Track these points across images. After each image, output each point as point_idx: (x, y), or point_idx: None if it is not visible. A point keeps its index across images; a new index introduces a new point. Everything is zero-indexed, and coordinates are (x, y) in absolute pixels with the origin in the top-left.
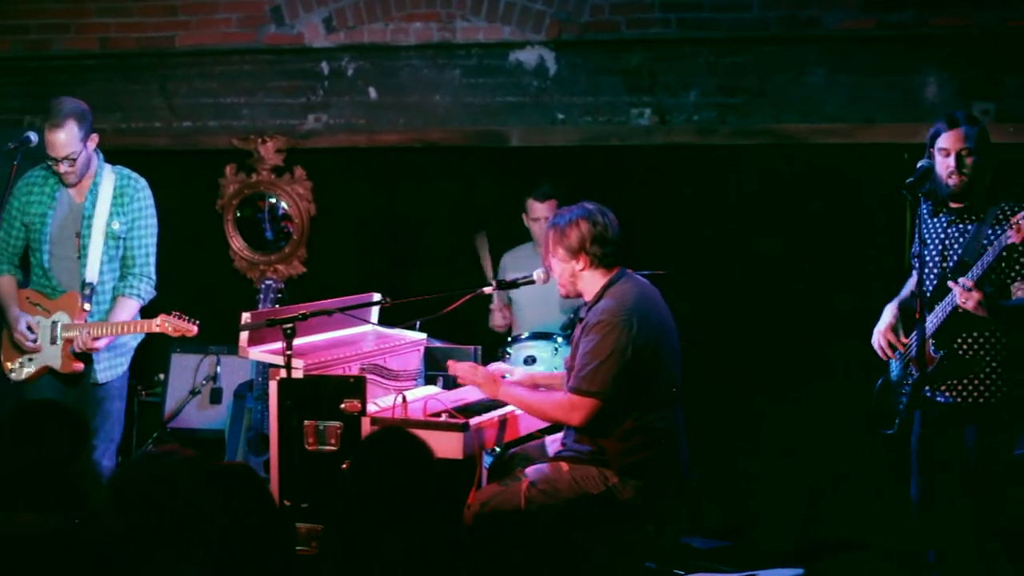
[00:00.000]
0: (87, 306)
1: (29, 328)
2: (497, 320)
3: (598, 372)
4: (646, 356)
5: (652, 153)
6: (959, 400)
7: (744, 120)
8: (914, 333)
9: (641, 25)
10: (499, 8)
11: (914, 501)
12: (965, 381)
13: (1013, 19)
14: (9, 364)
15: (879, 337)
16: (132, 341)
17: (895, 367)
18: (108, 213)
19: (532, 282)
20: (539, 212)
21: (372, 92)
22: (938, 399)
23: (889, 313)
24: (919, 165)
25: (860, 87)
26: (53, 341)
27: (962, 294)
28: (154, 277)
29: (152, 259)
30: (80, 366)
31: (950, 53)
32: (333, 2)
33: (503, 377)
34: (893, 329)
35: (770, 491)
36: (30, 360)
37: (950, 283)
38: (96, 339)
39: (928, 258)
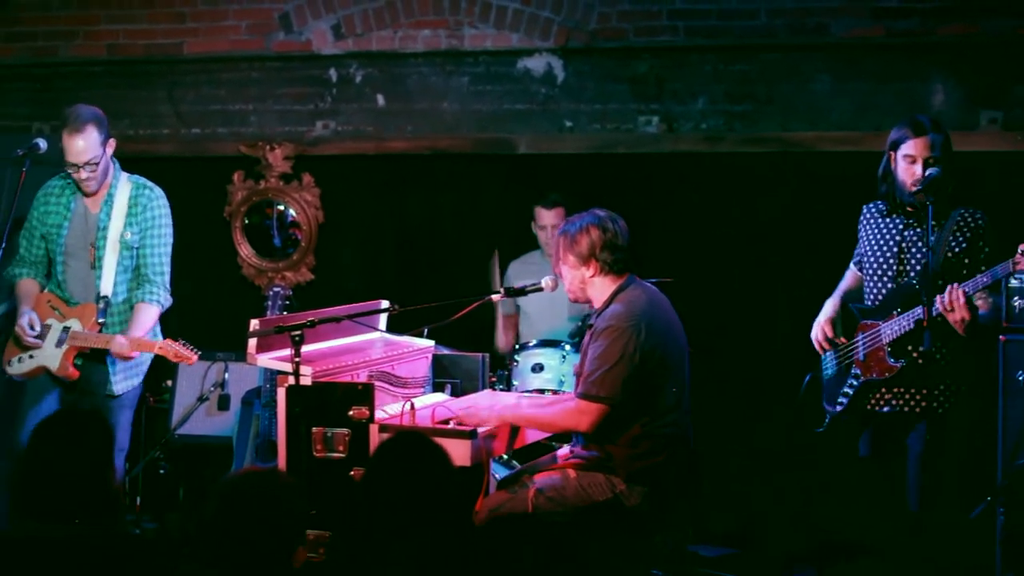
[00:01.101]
0: (101, 320)
1: (31, 325)
2: (501, 342)
3: (607, 377)
4: (654, 362)
5: (660, 161)
6: (906, 410)
7: (751, 128)
8: (860, 335)
9: (649, 33)
10: (507, 15)
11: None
12: (925, 391)
13: (1022, 27)
14: (8, 358)
15: (818, 329)
16: (148, 354)
17: (830, 365)
18: (122, 224)
19: (540, 289)
20: (546, 219)
21: (380, 99)
22: (884, 410)
23: (830, 307)
24: (927, 174)
25: (867, 95)
26: (59, 344)
27: (947, 305)
28: (169, 286)
29: (167, 268)
30: (75, 374)
31: (958, 61)
32: (342, 9)
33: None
34: (832, 323)
35: (776, 498)
36: (30, 357)
37: (944, 293)
38: (130, 351)
39: (882, 260)
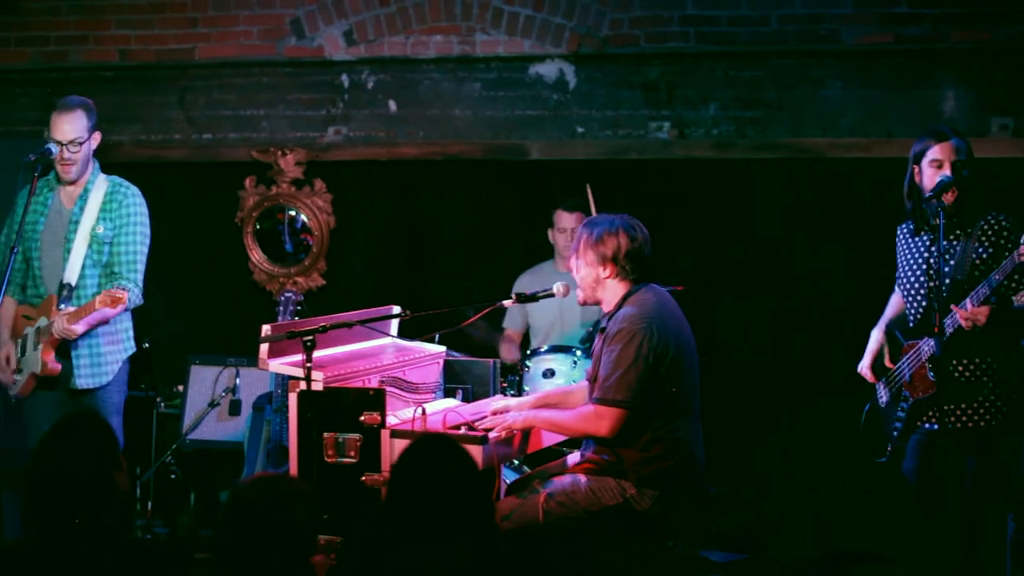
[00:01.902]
0: (63, 307)
1: (7, 360)
2: (505, 355)
3: (623, 381)
4: (666, 364)
5: (671, 167)
6: (959, 426)
7: (762, 134)
8: (904, 357)
9: (660, 39)
10: (519, 21)
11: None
12: (964, 406)
13: None
14: (9, 382)
15: (866, 364)
16: (119, 353)
17: (883, 393)
18: (95, 218)
19: (552, 295)
20: (567, 223)
21: (392, 105)
22: (934, 427)
23: (875, 340)
24: (938, 180)
25: (878, 101)
26: (35, 347)
27: (965, 319)
28: (141, 284)
29: (140, 266)
30: (57, 367)
31: (969, 68)
32: (353, 15)
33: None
34: (880, 355)
35: (788, 504)
36: (19, 372)
37: (955, 308)
38: (71, 323)
39: (914, 280)
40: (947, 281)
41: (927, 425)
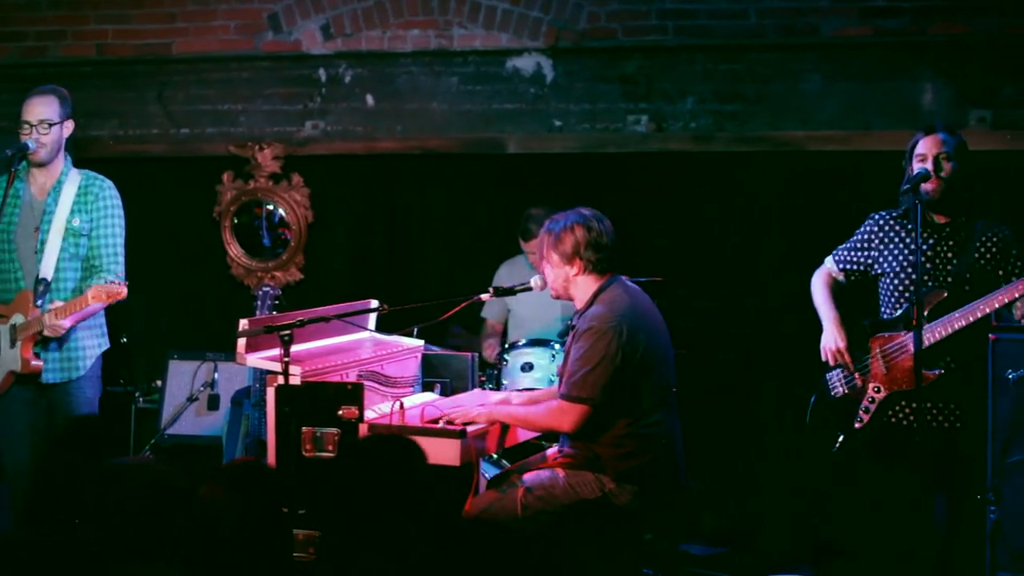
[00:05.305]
0: (39, 303)
1: None
2: (488, 353)
3: (588, 378)
4: (635, 362)
5: (649, 160)
6: (934, 425)
7: (741, 127)
8: (877, 348)
9: (638, 32)
10: (496, 15)
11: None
12: (940, 403)
13: (1010, 27)
14: None
15: (837, 355)
16: (93, 348)
17: (838, 384)
18: (69, 210)
19: (529, 289)
20: (529, 249)
21: (370, 99)
22: (903, 423)
23: (840, 329)
24: (916, 172)
25: (857, 94)
26: (12, 344)
27: None
28: (123, 276)
29: (120, 258)
30: (39, 365)
31: (947, 60)
32: (331, 9)
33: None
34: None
35: (768, 498)
36: None
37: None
38: (59, 318)
39: (904, 275)
40: (949, 280)
41: (898, 420)
